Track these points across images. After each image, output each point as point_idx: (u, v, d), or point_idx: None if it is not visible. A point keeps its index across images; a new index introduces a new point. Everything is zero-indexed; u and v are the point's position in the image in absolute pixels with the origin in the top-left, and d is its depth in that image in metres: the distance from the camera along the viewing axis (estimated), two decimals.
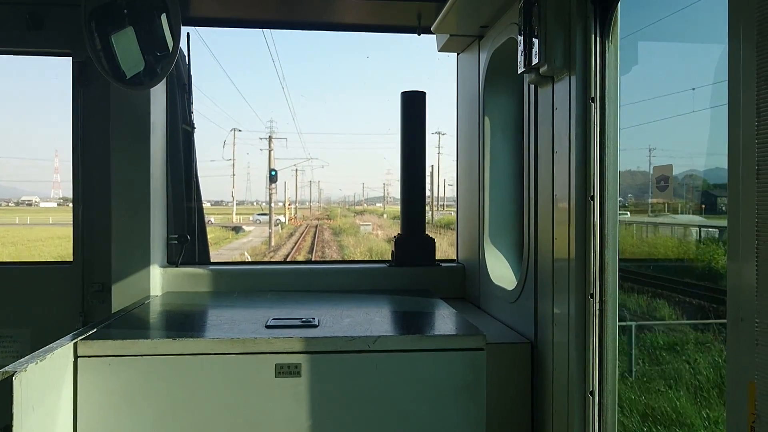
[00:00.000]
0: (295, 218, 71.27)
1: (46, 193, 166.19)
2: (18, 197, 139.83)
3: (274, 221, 55.51)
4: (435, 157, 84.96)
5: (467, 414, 2.07)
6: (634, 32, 2.36)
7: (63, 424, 1.91)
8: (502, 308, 2.71)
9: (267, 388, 2.01)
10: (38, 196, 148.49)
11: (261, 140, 59.63)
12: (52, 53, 3.19)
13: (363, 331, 2.13)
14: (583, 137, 1.95)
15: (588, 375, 1.93)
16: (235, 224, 56.47)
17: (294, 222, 64.86)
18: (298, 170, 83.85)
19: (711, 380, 6.35)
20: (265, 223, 52.08)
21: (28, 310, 3.11)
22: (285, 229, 52.34)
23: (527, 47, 2.12)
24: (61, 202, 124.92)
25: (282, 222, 58.82)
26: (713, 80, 2.24)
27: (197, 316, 2.63)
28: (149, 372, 1.99)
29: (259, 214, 64.65)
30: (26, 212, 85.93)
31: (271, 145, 48.39)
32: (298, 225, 59.76)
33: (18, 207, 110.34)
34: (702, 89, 2.95)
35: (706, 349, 6.97)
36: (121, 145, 2.95)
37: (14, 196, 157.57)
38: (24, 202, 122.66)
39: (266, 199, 52.88)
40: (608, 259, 1.92)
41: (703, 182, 8.23)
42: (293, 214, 74.38)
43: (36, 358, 1.73)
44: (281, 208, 76.47)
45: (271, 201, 44.70)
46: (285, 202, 73.61)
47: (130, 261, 2.95)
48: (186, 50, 3.39)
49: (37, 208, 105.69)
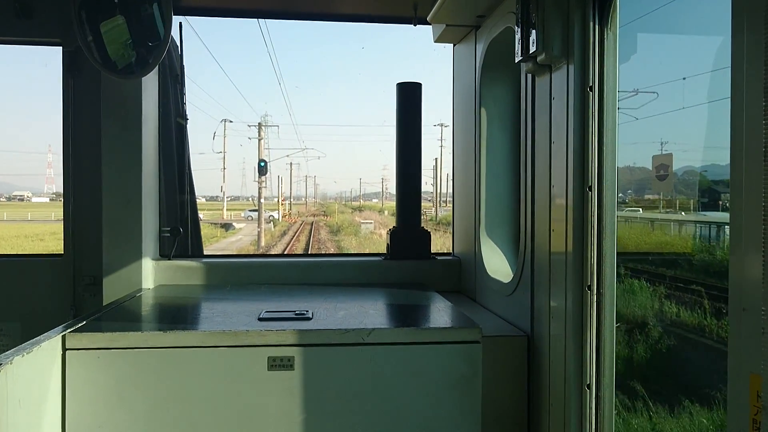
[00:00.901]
0: (290, 215, 69.34)
1: (39, 188, 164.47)
2: (10, 192, 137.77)
3: (267, 218, 51.98)
4: (437, 150, 77.63)
5: (463, 407, 2.04)
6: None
7: (51, 418, 1.88)
8: (498, 301, 2.68)
9: (259, 382, 1.98)
10: (31, 191, 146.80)
11: (250, 128, 56.24)
12: (41, 42, 3.14)
13: (357, 323, 2.10)
14: (581, 127, 1.92)
15: (585, 368, 1.91)
16: (225, 221, 53.68)
17: (288, 219, 62.80)
18: (292, 164, 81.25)
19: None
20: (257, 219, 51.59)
21: (18, 303, 3.07)
22: (278, 227, 49.54)
23: (525, 36, 2.09)
24: (53, 197, 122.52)
25: (275, 219, 57.15)
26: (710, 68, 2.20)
27: (189, 308, 2.59)
28: (139, 365, 1.96)
29: (251, 210, 62.02)
30: (16, 208, 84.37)
31: (262, 132, 41.68)
32: (293, 222, 57.74)
33: (9, 202, 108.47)
34: (694, 79, 2.86)
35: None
36: (112, 136, 2.91)
37: (7, 191, 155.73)
38: (16, 198, 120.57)
39: (257, 193, 51.47)
40: (606, 251, 1.89)
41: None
42: (287, 210, 72.14)
43: (23, 351, 1.70)
44: (274, 204, 73.63)
45: (261, 196, 38.34)
46: (278, 198, 71.14)
47: (121, 254, 2.91)
48: (178, 40, 3.35)
49: (29, 204, 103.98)
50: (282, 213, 63.63)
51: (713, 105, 3.44)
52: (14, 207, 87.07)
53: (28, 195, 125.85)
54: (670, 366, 6.35)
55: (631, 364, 6.04)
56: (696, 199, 7.36)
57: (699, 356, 6.59)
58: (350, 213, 74.76)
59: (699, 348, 6.59)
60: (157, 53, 2.71)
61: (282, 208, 66.23)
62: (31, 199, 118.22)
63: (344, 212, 75.65)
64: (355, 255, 4.42)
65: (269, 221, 50.11)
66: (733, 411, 1.20)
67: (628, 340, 6.10)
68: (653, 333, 6.52)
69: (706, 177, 7.33)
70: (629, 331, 6.23)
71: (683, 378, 6.16)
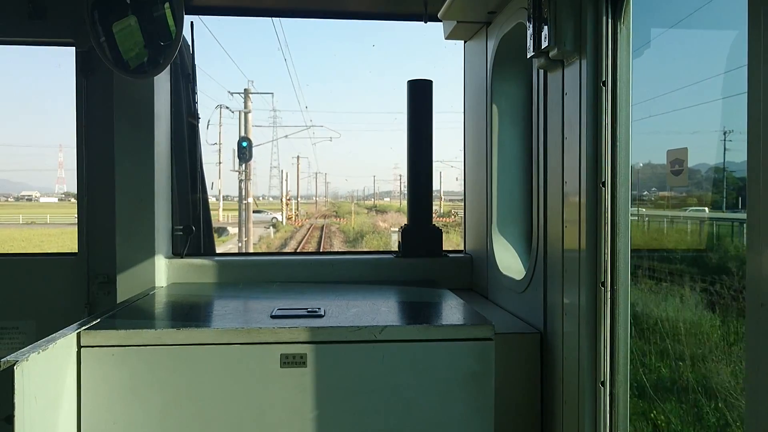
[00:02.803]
0: (296, 216, 58.47)
1: (49, 188, 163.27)
2: (19, 192, 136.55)
3: (270, 220, 44.50)
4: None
5: (476, 405, 2.04)
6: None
7: (66, 415, 1.89)
8: (510, 298, 2.67)
9: (272, 379, 1.98)
10: (39, 191, 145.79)
11: (232, 96, 35.69)
12: (54, 43, 3.16)
13: (369, 321, 2.10)
14: (594, 122, 1.90)
15: (599, 365, 1.90)
16: (219, 224, 40.51)
17: (294, 221, 51.70)
18: (299, 157, 68.76)
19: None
20: (260, 223, 39.81)
21: (33, 301, 3.10)
22: (280, 232, 38.61)
23: (537, 31, 2.07)
24: (62, 197, 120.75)
25: (277, 222, 45.84)
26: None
27: (202, 306, 2.61)
28: (153, 362, 1.97)
29: (255, 212, 40.18)
30: (30, 208, 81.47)
31: (249, 103, 26.52)
32: (299, 225, 47.54)
33: (17, 202, 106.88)
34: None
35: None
36: (124, 135, 2.93)
37: (17, 190, 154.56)
38: (24, 198, 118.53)
39: (270, 192, 38.51)
40: (620, 247, 1.87)
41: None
42: (294, 211, 60.94)
43: (38, 348, 1.71)
44: (271, 204, 65.22)
45: (242, 192, 24.93)
46: (283, 197, 55.32)
47: (134, 252, 2.94)
48: (190, 39, 3.36)
49: (37, 203, 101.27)
50: (287, 215, 51.97)
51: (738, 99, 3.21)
52: (28, 208, 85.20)
53: (36, 195, 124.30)
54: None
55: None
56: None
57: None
58: (366, 214, 62.88)
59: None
60: (169, 53, 2.72)
61: (288, 209, 54.70)
62: (39, 199, 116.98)
63: (359, 213, 63.54)
64: (366, 253, 4.43)
65: (269, 226, 41.08)
66: (751, 406, 1.18)
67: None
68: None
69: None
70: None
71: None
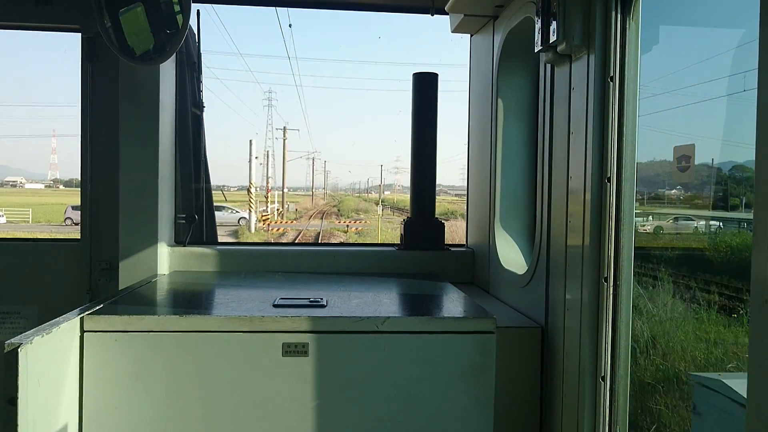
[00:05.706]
0: (281, 215, 39.04)
1: (42, 174, 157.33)
2: (2, 177, 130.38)
3: (237, 221, 30.82)
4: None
5: (476, 397, 2.04)
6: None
7: (69, 399, 1.90)
8: (512, 293, 2.67)
9: (274, 367, 1.99)
10: (24, 176, 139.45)
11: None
12: (61, 28, 3.16)
13: (371, 312, 2.11)
14: (600, 117, 1.90)
15: (600, 360, 1.90)
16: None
17: (276, 222, 31.12)
18: (286, 128, 48.25)
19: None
20: (224, 225, 26.79)
21: (35, 287, 3.11)
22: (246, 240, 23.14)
23: (545, 25, 2.07)
24: (50, 184, 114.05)
25: (246, 224, 30.51)
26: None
27: (204, 294, 2.61)
28: (156, 348, 1.98)
29: (216, 208, 8.17)
30: (28, 196, 75.96)
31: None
32: (280, 232, 28.34)
33: (2, 188, 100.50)
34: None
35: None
36: (129, 122, 2.93)
37: (3, 174, 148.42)
38: (8, 183, 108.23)
39: (256, 181, 24.45)
40: (624, 242, 1.88)
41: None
42: (277, 207, 40.72)
43: (42, 332, 1.72)
44: (242, 194, 42.68)
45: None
46: (251, 186, 32.91)
47: (137, 239, 2.94)
48: (196, 28, 3.35)
49: (22, 190, 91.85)
50: (262, 214, 31.80)
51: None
52: (14, 194, 79.40)
53: (21, 181, 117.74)
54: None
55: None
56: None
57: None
58: (375, 208, 39.84)
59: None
60: (175, 41, 2.71)
61: (269, 204, 36.64)
62: (24, 185, 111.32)
63: (368, 210, 46.41)
64: (368, 245, 4.43)
65: (234, 231, 27.98)
66: (754, 401, 1.19)
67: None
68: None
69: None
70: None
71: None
